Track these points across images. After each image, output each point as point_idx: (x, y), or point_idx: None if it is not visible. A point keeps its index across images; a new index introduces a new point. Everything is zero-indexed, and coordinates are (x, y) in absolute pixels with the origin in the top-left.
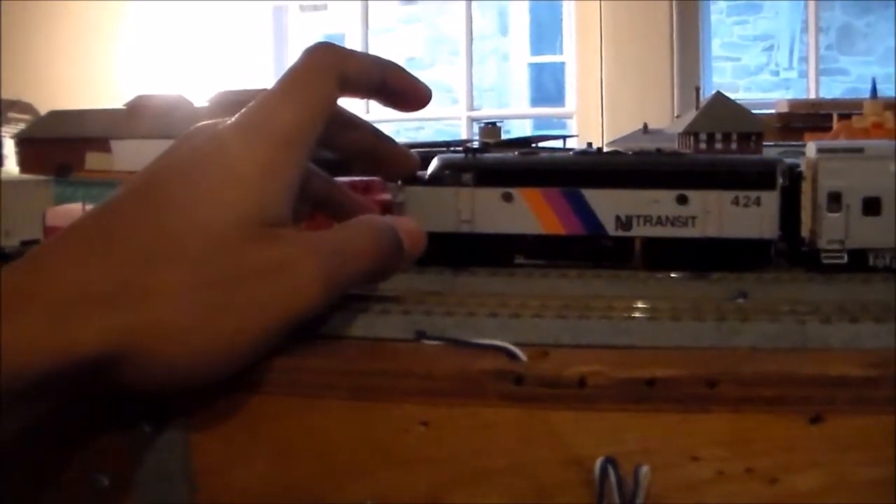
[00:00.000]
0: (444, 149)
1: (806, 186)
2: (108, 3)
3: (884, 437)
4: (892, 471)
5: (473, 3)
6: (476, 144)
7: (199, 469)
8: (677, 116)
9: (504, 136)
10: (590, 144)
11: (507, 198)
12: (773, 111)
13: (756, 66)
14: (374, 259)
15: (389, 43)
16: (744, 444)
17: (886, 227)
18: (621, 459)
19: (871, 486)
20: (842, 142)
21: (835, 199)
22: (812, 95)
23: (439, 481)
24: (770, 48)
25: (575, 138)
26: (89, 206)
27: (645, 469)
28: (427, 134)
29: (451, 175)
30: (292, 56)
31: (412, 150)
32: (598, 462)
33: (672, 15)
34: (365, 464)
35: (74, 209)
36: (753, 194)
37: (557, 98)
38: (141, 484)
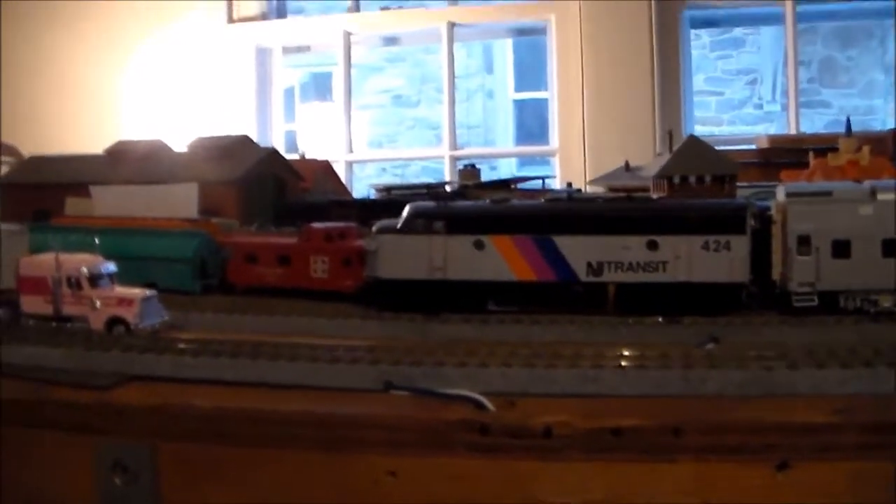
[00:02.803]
0: (424, 192)
1: (776, 230)
2: (93, 46)
3: (850, 483)
4: None
5: (457, 42)
6: (456, 186)
7: None
8: (658, 155)
9: (490, 172)
10: (569, 184)
11: (479, 245)
12: (753, 147)
13: (739, 100)
14: None
15: (375, 82)
16: (710, 492)
17: (856, 270)
18: None
19: None
20: (811, 184)
21: (804, 242)
22: (793, 130)
23: None
24: (753, 82)
25: (554, 179)
26: (63, 256)
27: None
28: (413, 171)
29: (422, 223)
30: (276, 98)
31: (391, 193)
32: None
33: (653, 53)
34: None
35: (47, 259)
36: (723, 238)
37: (541, 135)
38: None
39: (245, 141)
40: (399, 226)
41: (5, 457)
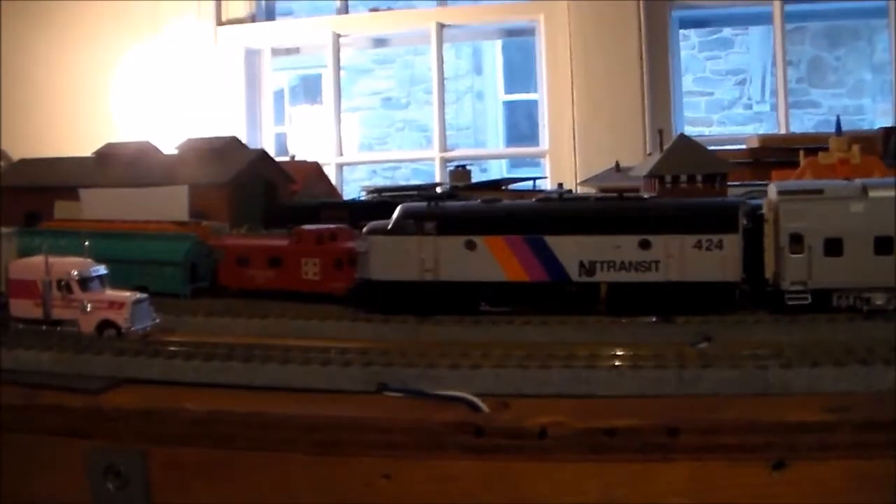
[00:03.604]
0: (414, 194)
1: (768, 228)
2: (83, 48)
3: (846, 481)
4: None
5: (446, 43)
6: (447, 188)
7: None
8: (649, 154)
9: (481, 173)
10: (560, 185)
11: (471, 246)
12: (743, 146)
13: (729, 101)
14: None
15: (364, 84)
16: (707, 492)
17: (849, 268)
18: None
19: None
20: (802, 182)
21: (797, 241)
22: (782, 129)
23: None
24: (742, 82)
25: (545, 180)
26: (53, 259)
27: None
28: (403, 174)
29: (413, 224)
30: (265, 100)
31: (382, 195)
32: None
33: (642, 53)
34: None
35: (37, 262)
36: (716, 237)
37: (532, 136)
38: None
39: (235, 143)
40: (390, 227)
41: None
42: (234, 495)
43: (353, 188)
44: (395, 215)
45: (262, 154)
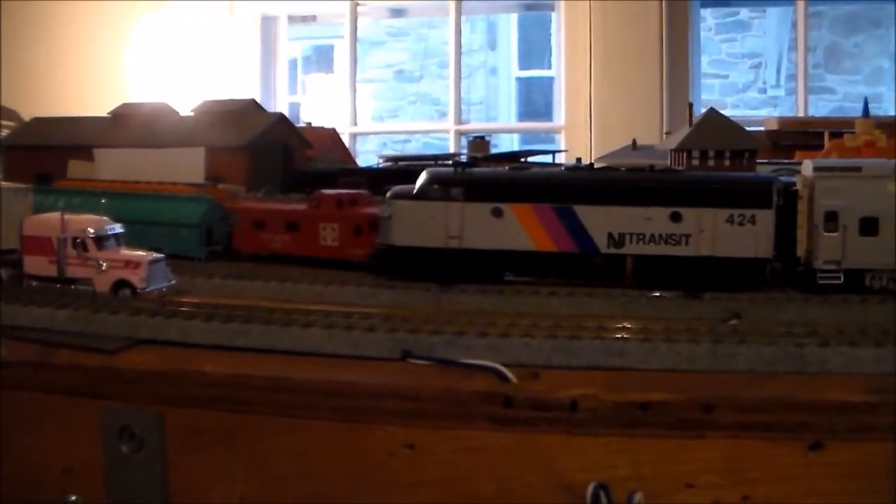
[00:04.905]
0: (433, 162)
1: (802, 205)
2: (99, 10)
3: (885, 465)
4: (894, 500)
5: (463, 16)
6: (464, 158)
7: (177, 490)
8: (667, 133)
9: (493, 149)
10: (579, 160)
11: (497, 213)
12: (761, 128)
13: (744, 84)
14: None
15: (378, 56)
16: (740, 471)
17: (884, 248)
18: (614, 485)
19: None
20: (839, 160)
21: (831, 219)
22: (801, 113)
23: None
24: (758, 66)
25: (564, 153)
26: (69, 216)
27: (638, 496)
28: (414, 147)
29: (439, 189)
30: (280, 68)
31: (400, 163)
32: (590, 488)
33: (662, 31)
34: (349, 487)
35: (52, 219)
36: (749, 212)
37: (545, 113)
38: None
39: (252, 106)
40: (415, 192)
41: (9, 420)
42: (251, 461)
43: (364, 159)
44: (421, 180)
45: (280, 118)
